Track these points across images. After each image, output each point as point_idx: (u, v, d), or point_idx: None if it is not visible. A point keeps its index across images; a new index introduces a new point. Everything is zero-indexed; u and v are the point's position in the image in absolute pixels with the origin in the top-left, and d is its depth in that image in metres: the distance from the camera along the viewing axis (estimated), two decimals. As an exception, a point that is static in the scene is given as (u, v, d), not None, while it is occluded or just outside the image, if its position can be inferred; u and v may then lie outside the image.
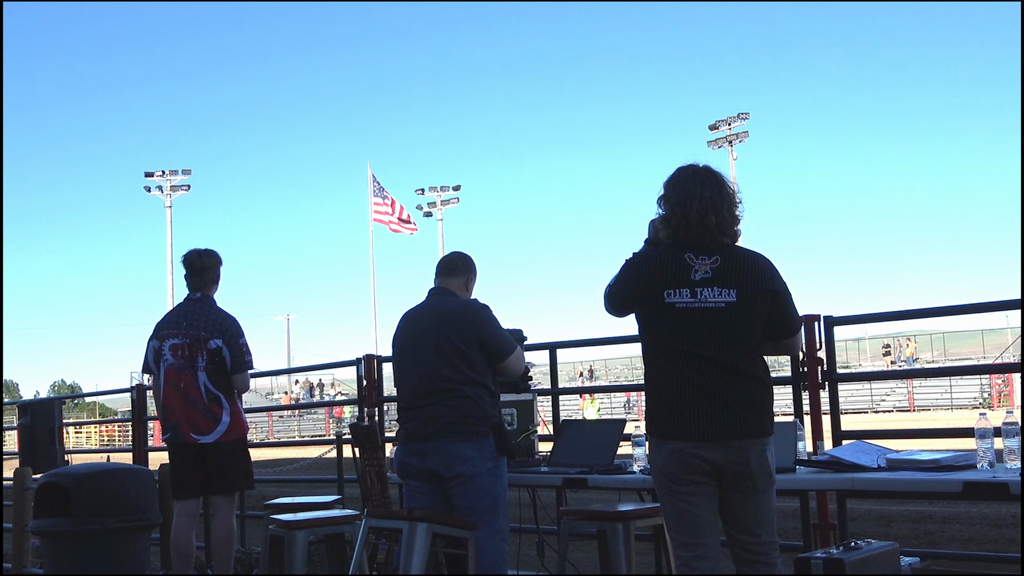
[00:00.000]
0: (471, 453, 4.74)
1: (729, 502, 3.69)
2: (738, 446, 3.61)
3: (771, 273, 3.75)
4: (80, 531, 6.48)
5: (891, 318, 6.88)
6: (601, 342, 7.73)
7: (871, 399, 42.66)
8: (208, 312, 5.81)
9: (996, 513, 10.24)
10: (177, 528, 5.78)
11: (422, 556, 4.41)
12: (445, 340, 4.82)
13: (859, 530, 8.34)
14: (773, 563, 3.72)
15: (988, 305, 5.96)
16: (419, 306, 5.09)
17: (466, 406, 4.77)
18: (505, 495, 4.89)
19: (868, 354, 50.11)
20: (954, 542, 9.36)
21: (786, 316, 3.79)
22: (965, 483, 3.95)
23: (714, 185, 3.70)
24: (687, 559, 3.66)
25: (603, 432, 5.54)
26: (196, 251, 5.94)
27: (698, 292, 3.64)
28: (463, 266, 5.15)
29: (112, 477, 6.75)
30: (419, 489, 4.88)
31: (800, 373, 5.75)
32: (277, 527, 5.03)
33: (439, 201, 53.10)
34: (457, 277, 5.10)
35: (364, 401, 7.97)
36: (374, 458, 5.46)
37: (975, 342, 48.42)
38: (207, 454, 5.71)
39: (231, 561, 5.86)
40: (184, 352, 5.71)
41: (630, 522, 4.49)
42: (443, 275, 5.12)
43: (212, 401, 5.70)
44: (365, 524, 4.72)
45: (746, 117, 48.24)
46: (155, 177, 53.68)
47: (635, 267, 3.80)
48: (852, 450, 4.64)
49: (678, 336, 3.65)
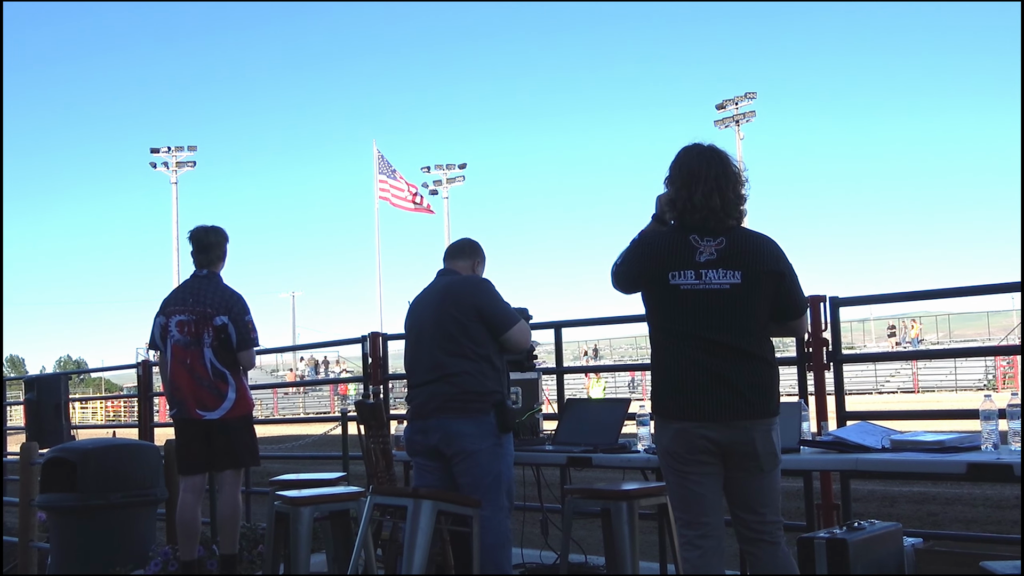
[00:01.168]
0: (470, 430, 4.74)
1: (734, 481, 3.70)
2: (744, 426, 3.61)
3: (777, 255, 3.73)
4: (86, 506, 6.51)
5: (897, 299, 6.87)
6: (606, 321, 7.76)
7: (875, 380, 42.65)
8: (214, 289, 5.81)
9: (999, 495, 10.25)
10: (183, 504, 5.80)
11: (427, 533, 4.42)
12: (444, 314, 4.84)
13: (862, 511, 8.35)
14: (777, 542, 3.72)
15: (993, 287, 5.95)
16: (425, 288, 5.11)
17: (466, 382, 4.76)
18: (509, 473, 4.88)
19: (873, 335, 50.08)
20: (957, 523, 9.37)
21: (791, 298, 3.78)
22: (969, 464, 3.94)
23: (719, 165, 3.68)
24: (691, 538, 3.68)
25: (608, 411, 5.55)
26: (203, 228, 5.94)
27: (703, 274, 3.63)
28: (470, 250, 5.17)
29: (118, 453, 6.77)
30: (427, 468, 4.90)
31: (805, 354, 5.75)
32: (282, 503, 5.04)
33: (445, 179, 53.10)
34: (464, 260, 5.12)
35: (369, 378, 7.98)
36: (379, 435, 5.48)
37: (980, 324, 48.36)
38: (213, 430, 5.73)
39: (236, 537, 5.88)
40: (190, 328, 5.72)
41: (634, 501, 4.50)
42: (450, 258, 5.16)
43: (218, 378, 5.71)
44: (370, 501, 4.73)
45: (753, 97, 48.15)
46: (161, 153, 53.74)
47: (641, 248, 3.79)
48: (856, 431, 4.65)
49: (683, 318, 3.64)
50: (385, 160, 47.20)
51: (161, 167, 53.78)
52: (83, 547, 6.49)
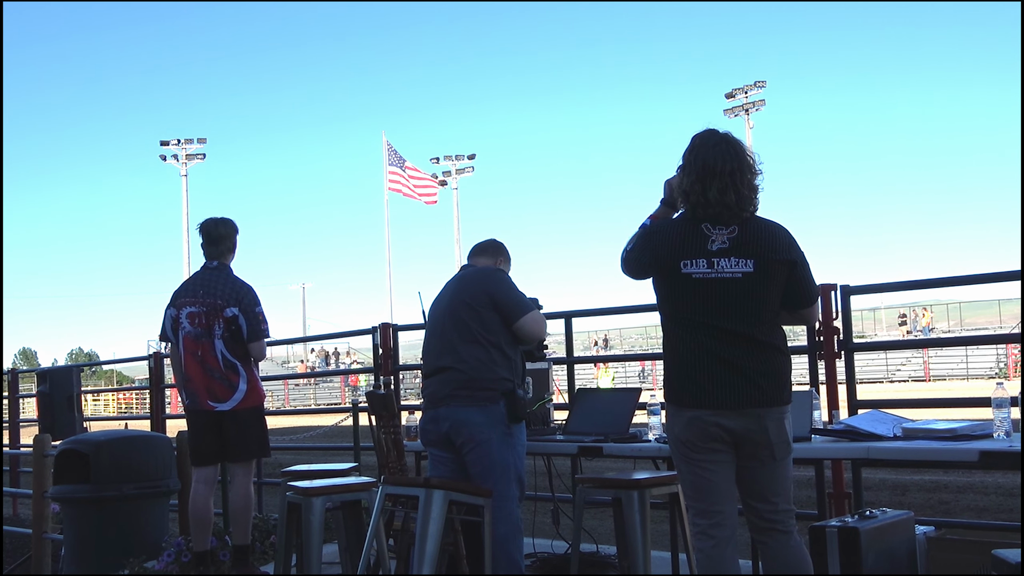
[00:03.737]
0: (479, 419, 4.74)
1: (746, 470, 3.69)
2: (756, 414, 3.60)
3: (789, 243, 3.72)
4: (99, 497, 6.54)
5: (908, 287, 6.87)
6: (616, 311, 7.74)
7: (887, 369, 42.58)
8: (225, 280, 5.82)
9: (1011, 483, 10.22)
10: (195, 495, 5.82)
11: (438, 523, 4.43)
12: (459, 302, 4.87)
13: (874, 499, 8.35)
14: (790, 531, 3.72)
15: (1004, 275, 5.92)
16: (446, 283, 5.15)
17: (475, 369, 4.77)
18: (520, 463, 4.87)
19: (884, 324, 49.96)
20: (969, 511, 9.36)
21: (803, 287, 3.76)
22: (981, 452, 3.94)
23: (735, 160, 3.64)
24: (704, 527, 3.67)
25: (618, 401, 5.55)
26: (213, 220, 5.95)
27: (715, 262, 3.62)
28: (493, 249, 5.22)
29: (130, 444, 6.80)
30: (441, 459, 4.91)
31: (816, 342, 5.74)
32: (294, 494, 5.06)
33: (454, 170, 53.04)
34: (486, 258, 5.18)
35: (380, 369, 8.00)
36: (390, 426, 5.48)
37: (992, 312, 48.17)
38: (224, 421, 5.75)
39: (249, 527, 5.90)
40: (201, 320, 5.73)
41: (645, 490, 4.50)
42: (473, 256, 5.22)
43: (229, 369, 5.73)
44: (382, 491, 4.74)
45: (763, 85, 47.94)
46: (171, 146, 53.82)
47: (652, 236, 3.77)
48: (868, 419, 4.64)
49: (695, 306, 3.63)
50: (395, 151, 47.11)
51: (171, 160, 53.86)
52: (96, 538, 6.52)
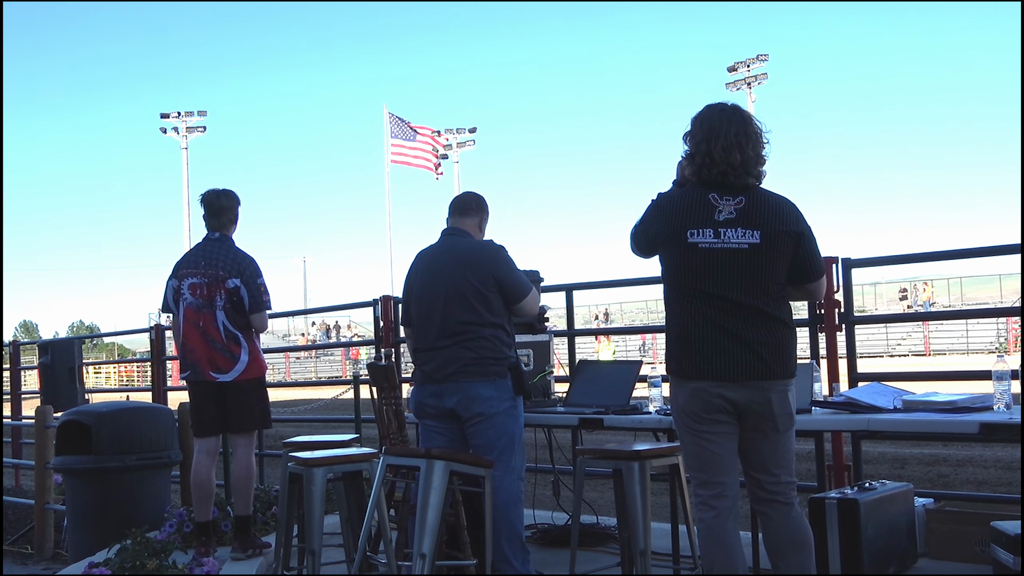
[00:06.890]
0: (489, 393, 4.77)
1: (749, 441, 3.70)
2: (760, 386, 3.61)
3: (796, 216, 3.71)
4: (101, 468, 6.57)
5: (909, 260, 6.86)
6: (617, 284, 7.75)
7: (887, 343, 42.60)
8: (226, 252, 5.82)
9: (1011, 456, 10.26)
10: (197, 466, 5.83)
11: (439, 494, 4.44)
12: (464, 282, 4.83)
13: (873, 472, 8.38)
14: (791, 503, 3.73)
15: (1003, 248, 5.92)
16: (434, 247, 5.08)
17: (485, 347, 4.79)
18: (521, 434, 4.92)
19: (884, 298, 49.93)
20: (968, 484, 9.41)
21: (810, 260, 3.75)
22: (982, 424, 3.93)
23: (740, 123, 3.66)
24: (706, 497, 3.69)
25: (619, 372, 5.56)
26: (214, 191, 5.93)
27: (722, 232, 3.61)
28: (476, 206, 5.14)
29: (132, 415, 6.83)
30: (436, 429, 4.92)
31: (817, 315, 5.75)
32: (296, 465, 5.07)
33: (455, 144, 52.98)
34: (471, 217, 5.10)
35: (381, 342, 8.01)
36: (391, 397, 5.49)
37: (992, 286, 48.10)
38: (226, 392, 5.75)
39: (251, 498, 5.92)
40: (203, 291, 5.73)
41: (646, 461, 4.51)
42: (457, 215, 5.11)
43: (231, 340, 5.73)
44: (383, 462, 4.75)
45: (765, 59, 47.79)
46: (171, 119, 53.74)
47: (660, 207, 3.78)
48: (868, 392, 4.64)
49: (701, 276, 3.63)
50: (400, 120, 46.85)
51: (171, 132, 53.79)
52: (98, 509, 6.56)
